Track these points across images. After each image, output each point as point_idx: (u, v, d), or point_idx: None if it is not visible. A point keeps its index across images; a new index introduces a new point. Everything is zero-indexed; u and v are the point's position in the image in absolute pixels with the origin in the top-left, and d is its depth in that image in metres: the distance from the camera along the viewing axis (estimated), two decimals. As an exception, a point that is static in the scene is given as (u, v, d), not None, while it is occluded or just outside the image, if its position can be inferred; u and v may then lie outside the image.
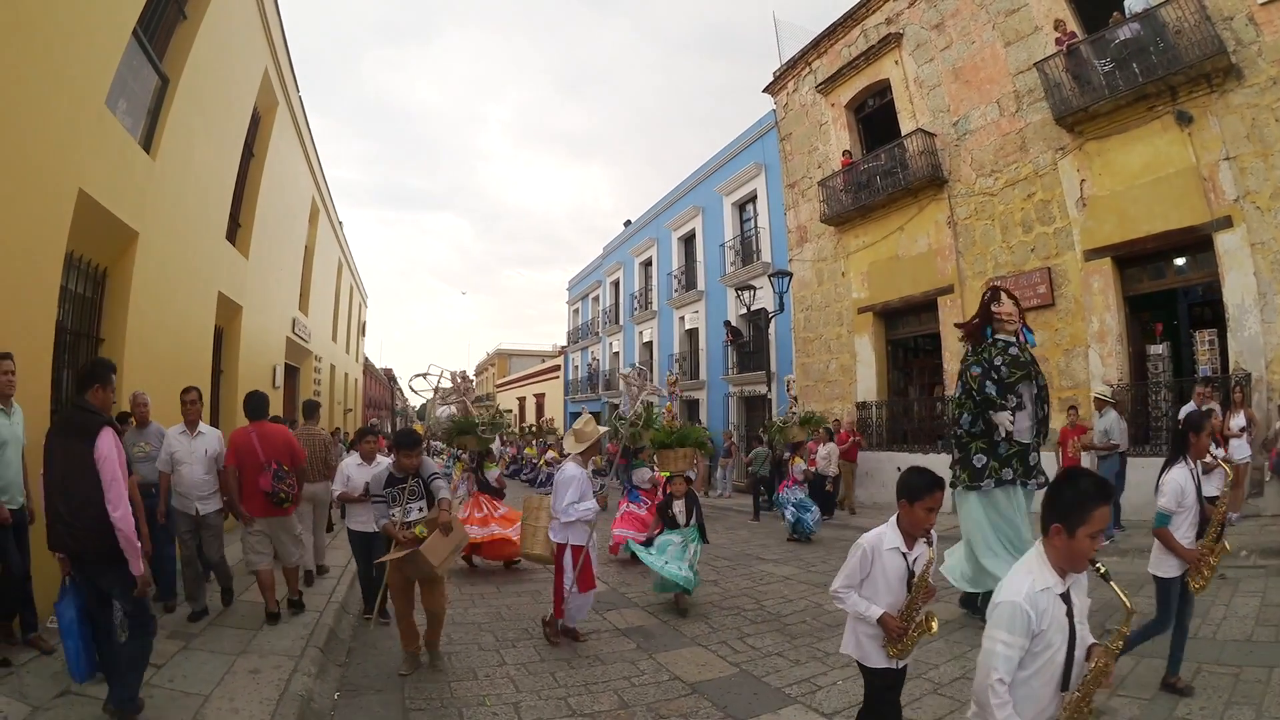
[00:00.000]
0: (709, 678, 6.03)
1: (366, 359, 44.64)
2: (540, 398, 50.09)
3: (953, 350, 15.80)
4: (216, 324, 12.38)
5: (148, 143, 9.26)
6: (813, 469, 15.13)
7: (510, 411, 38.83)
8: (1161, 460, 5.29)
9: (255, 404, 7.33)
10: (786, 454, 14.84)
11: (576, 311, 44.19)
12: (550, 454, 27.32)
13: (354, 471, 7.77)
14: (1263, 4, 10.75)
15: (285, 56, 15.95)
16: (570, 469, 6.96)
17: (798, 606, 8.45)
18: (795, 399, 8.19)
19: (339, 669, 6.16)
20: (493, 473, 11.40)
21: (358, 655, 6.62)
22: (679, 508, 8.69)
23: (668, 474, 9.98)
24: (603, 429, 7.47)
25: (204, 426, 7.25)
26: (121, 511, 4.19)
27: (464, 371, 12.38)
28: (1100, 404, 10.54)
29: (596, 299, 40.28)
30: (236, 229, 13.68)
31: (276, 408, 14.88)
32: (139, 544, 4.32)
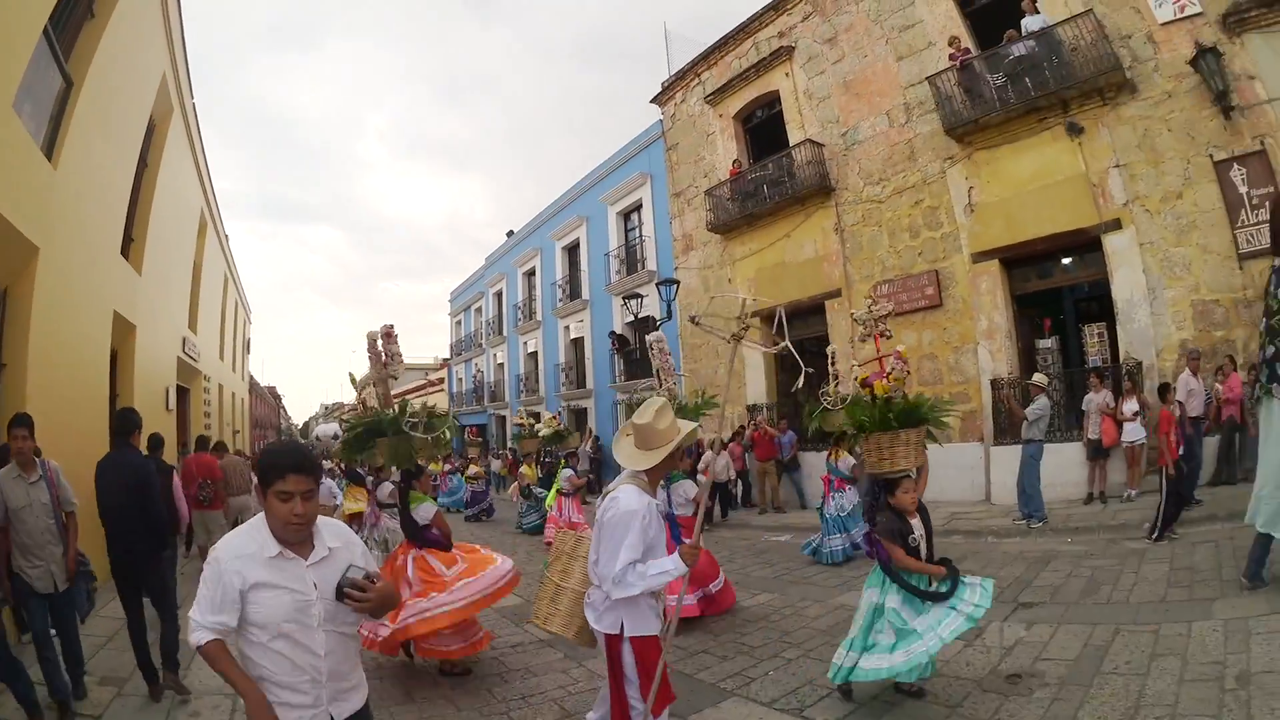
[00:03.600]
0: (642, 680, 5.91)
1: (252, 377, 42.20)
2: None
3: (841, 353, 15.98)
4: (112, 345, 11.44)
5: (49, 150, 8.51)
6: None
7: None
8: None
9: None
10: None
11: (459, 323, 42.99)
12: (474, 469, 21.74)
13: None
14: (1163, 24, 11.42)
15: (183, 60, 15.13)
16: (628, 499, 3.76)
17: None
18: (836, 376, 6.65)
19: None
20: (425, 509, 6.57)
21: None
22: (919, 533, 5.00)
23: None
24: (689, 423, 4.17)
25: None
26: None
27: (389, 327, 7.38)
28: (1035, 390, 10.77)
29: (479, 310, 39.34)
30: (130, 243, 12.75)
31: (170, 433, 14.24)
32: None
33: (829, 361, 7.00)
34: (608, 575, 3.64)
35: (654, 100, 22.46)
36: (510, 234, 35.69)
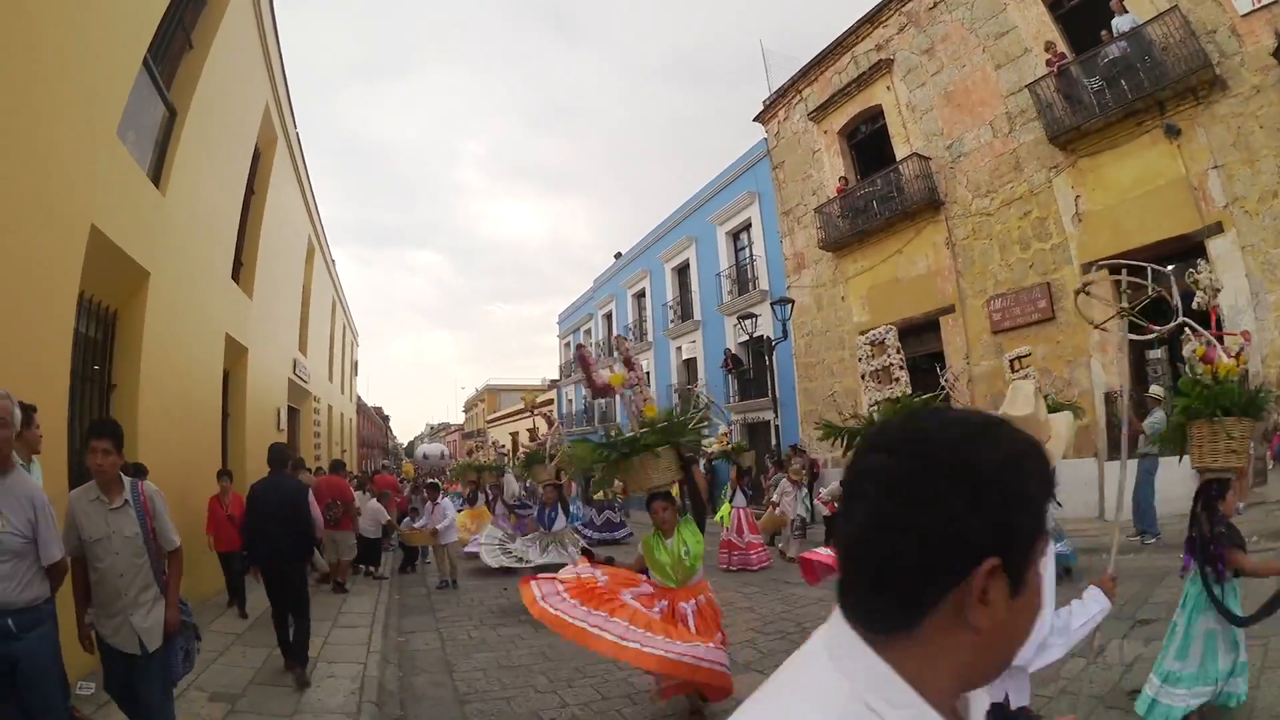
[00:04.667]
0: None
1: (359, 398, 43.82)
2: (532, 432, 48.98)
3: (955, 369, 15.66)
4: (224, 367, 11.96)
5: (156, 177, 8.81)
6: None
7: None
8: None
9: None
10: None
11: (568, 345, 43.20)
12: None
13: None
14: (1244, 15, 10.84)
15: (284, 90, 15.62)
16: None
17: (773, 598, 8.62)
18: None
19: None
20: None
21: (411, 708, 6.23)
22: None
23: None
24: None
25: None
26: None
27: (621, 337, 7.63)
28: (1153, 403, 10.41)
29: (589, 331, 39.45)
30: (240, 268, 13.20)
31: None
32: None
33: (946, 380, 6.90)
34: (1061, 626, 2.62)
35: (756, 119, 22.52)
36: (618, 256, 35.97)
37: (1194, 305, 4.91)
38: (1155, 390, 10.61)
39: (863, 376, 6.84)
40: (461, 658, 7.56)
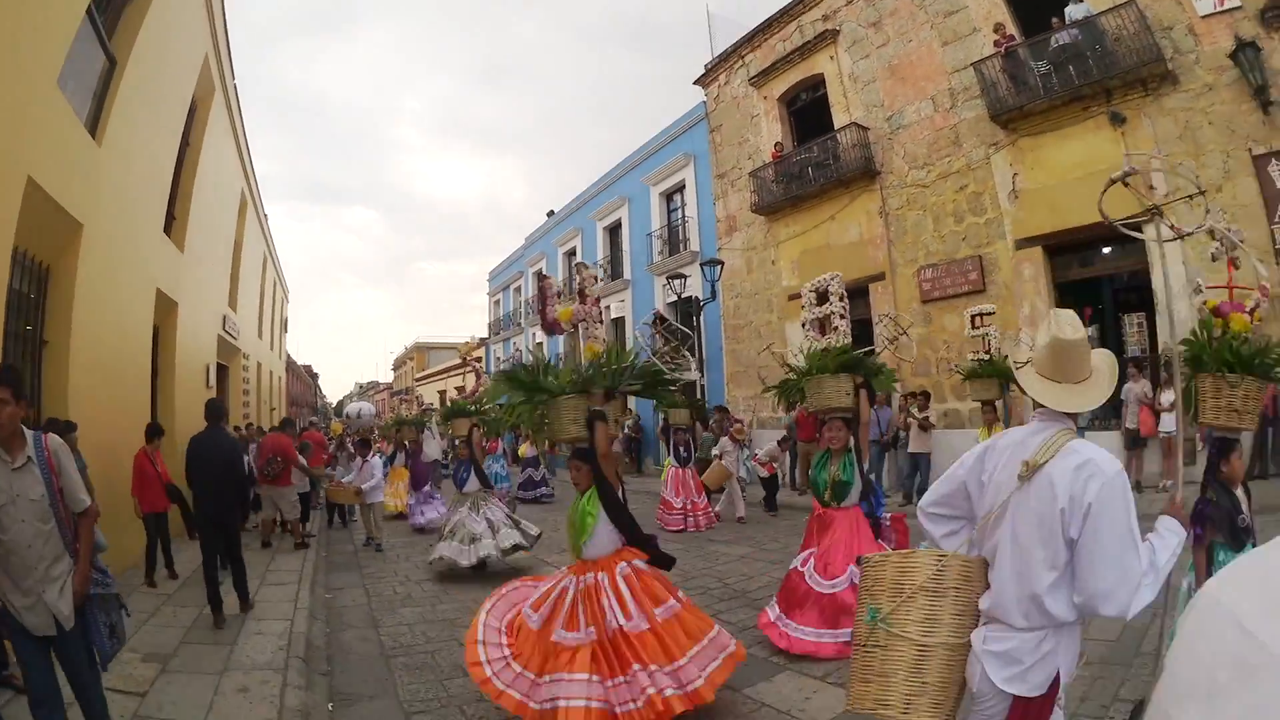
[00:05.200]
0: (696, 655, 6.02)
1: (289, 356, 42.54)
2: (461, 390, 48.28)
3: (883, 334, 15.98)
4: (154, 322, 11.61)
5: (93, 128, 8.55)
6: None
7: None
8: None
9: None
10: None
11: (498, 302, 42.64)
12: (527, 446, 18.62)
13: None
14: (1204, 16, 11.13)
15: (225, 42, 15.15)
16: (1104, 456, 2.49)
17: (760, 582, 8.46)
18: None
19: (324, 678, 5.84)
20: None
21: (337, 663, 6.26)
22: (1247, 513, 4.29)
23: None
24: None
25: None
26: None
27: (583, 265, 7.18)
28: None
29: (519, 289, 38.93)
30: (172, 221, 12.80)
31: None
32: None
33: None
34: (1108, 587, 2.36)
35: (697, 82, 22.28)
36: (551, 214, 35.48)
37: (1210, 257, 4.85)
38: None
39: (804, 324, 6.75)
40: (387, 613, 7.72)
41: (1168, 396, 10.67)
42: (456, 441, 11.55)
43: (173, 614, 7.13)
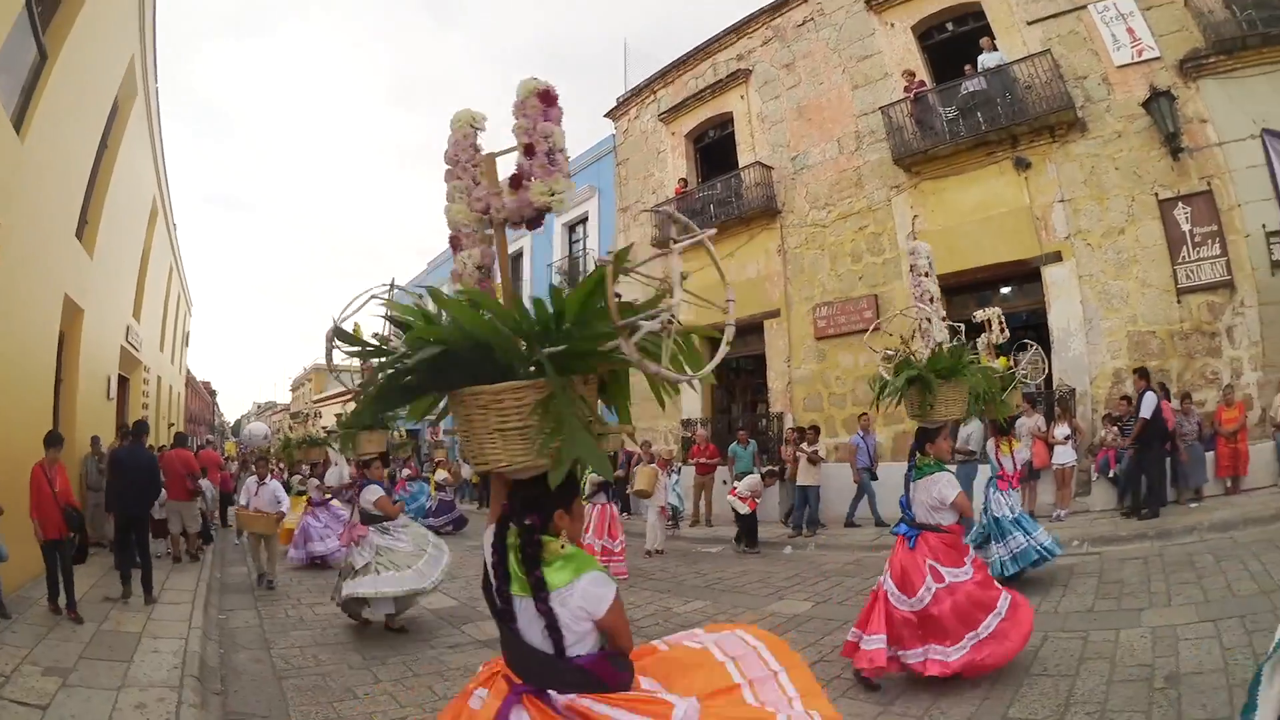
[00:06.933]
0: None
1: (189, 371, 39.70)
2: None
3: (777, 370, 15.82)
4: (60, 328, 10.80)
5: (19, 123, 8.06)
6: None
7: None
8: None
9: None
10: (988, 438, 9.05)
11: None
12: (442, 474, 17.78)
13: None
14: (1119, 66, 11.51)
15: (152, 43, 14.42)
16: None
17: (646, 611, 8.04)
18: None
19: (218, 698, 5.68)
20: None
21: (232, 683, 6.10)
22: None
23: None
24: None
25: None
26: None
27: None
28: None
29: None
30: (85, 225, 11.94)
31: (109, 421, 13.69)
32: None
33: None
34: None
35: (608, 114, 22.06)
36: (453, 239, 34.48)
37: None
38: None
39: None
40: (279, 635, 7.58)
41: (1062, 430, 10.84)
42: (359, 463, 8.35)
43: (71, 629, 6.90)
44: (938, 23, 14.29)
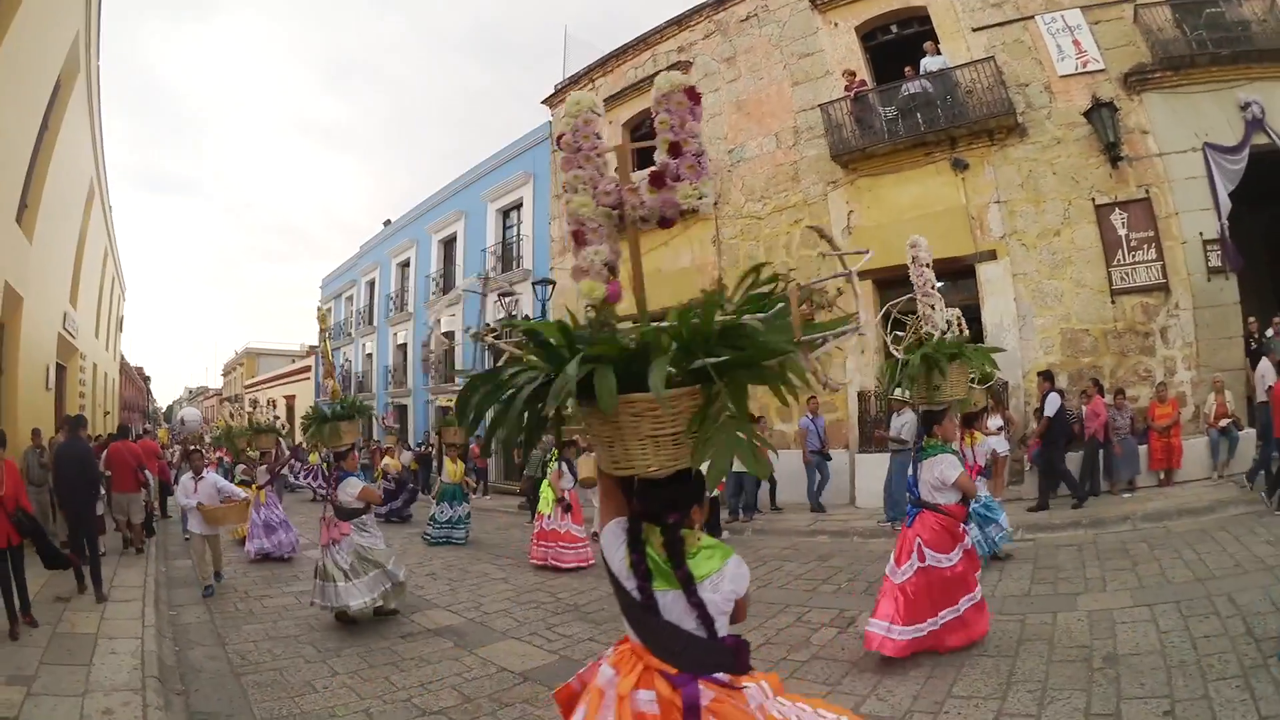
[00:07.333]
0: (535, 666, 5.91)
1: (123, 357, 37.71)
2: (290, 399, 41.84)
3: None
4: (0, 319, 10.46)
5: None
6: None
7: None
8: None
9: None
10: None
11: (330, 310, 40.22)
12: (389, 462, 17.73)
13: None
14: (1063, 75, 11.89)
15: (96, 19, 13.77)
16: None
17: (592, 597, 8.17)
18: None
19: (180, 698, 5.55)
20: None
21: (191, 681, 5.95)
22: None
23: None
24: None
25: None
26: None
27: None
28: (899, 405, 10.76)
29: (351, 298, 36.89)
30: (24, 210, 11.39)
31: (48, 412, 13.01)
32: None
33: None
34: None
35: (545, 101, 21.81)
36: (387, 223, 33.86)
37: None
38: (900, 393, 11.06)
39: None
40: (232, 630, 7.44)
41: (995, 421, 10.95)
42: (333, 455, 7.91)
43: (29, 635, 6.64)
44: (882, 24, 14.53)
